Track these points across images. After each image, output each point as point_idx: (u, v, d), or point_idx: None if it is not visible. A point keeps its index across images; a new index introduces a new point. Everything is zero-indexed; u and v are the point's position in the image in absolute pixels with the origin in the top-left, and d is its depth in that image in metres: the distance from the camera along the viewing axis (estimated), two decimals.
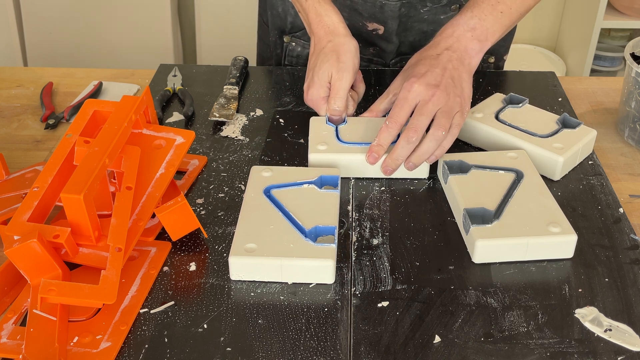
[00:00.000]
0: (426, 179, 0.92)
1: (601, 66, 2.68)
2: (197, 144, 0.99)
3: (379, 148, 0.88)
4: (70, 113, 1.09)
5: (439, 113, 0.87)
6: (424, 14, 1.13)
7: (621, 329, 0.71)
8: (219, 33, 2.50)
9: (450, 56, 0.92)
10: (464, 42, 0.93)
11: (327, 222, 0.79)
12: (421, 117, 0.87)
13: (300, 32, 1.19)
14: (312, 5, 0.98)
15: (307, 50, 1.20)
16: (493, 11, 0.93)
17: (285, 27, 1.20)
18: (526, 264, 0.79)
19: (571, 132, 0.95)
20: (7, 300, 0.75)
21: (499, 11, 0.94)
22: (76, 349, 0.68)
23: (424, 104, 0.87)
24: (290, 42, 1.20)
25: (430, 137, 0.87)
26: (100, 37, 2.50)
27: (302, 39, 1.20)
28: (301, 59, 1.21)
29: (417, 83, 0.88)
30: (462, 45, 0.93)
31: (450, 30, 0.94)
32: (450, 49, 0.92)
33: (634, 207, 0.91)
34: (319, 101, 0.97)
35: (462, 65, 0.92)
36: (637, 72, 1.00)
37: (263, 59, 1.32)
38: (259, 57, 1.35)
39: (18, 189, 0.87)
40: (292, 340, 0.69)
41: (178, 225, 0.80)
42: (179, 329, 0.71)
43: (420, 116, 0.87)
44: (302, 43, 1.20)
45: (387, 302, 0.74)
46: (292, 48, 1.21)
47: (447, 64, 0.90)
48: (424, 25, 1.15)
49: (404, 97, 0.88)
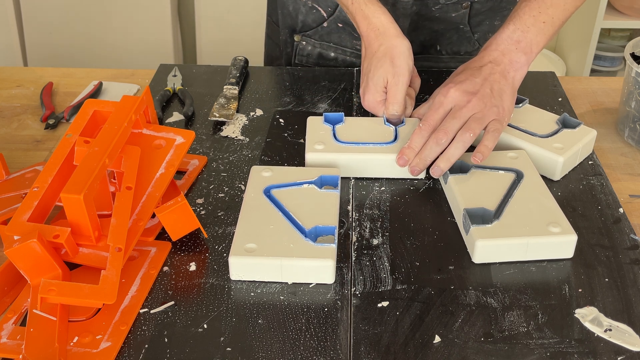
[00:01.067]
0: (425, 179, 0.92)
1: (601, 66, 2.68)
2: (197, 144, 0.99)
3: (410, 151, 0.89)
4: (70, 113, 1.09)
5: (471, 118, 0.88)
6: (435, 12, 1.13)
7: (621, 329, 0.71)
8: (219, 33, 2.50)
9: (493, 69, 0.92)
10: (509, 56, 0.93)
11: (327, 222, 0.79)
12: (453, 120, 0.88)
13: (311, 30, 1.19)
14: (358, 8, 0.96)
15: (317, 49, 1.20)
16: (535, 22, 0.93)
17: (296, 26, 1.20)
18: (526, 264, 0.79)
19: (571, 132, 0.95)
20: (7, 300, 0.75)
21: (542, 21, 0.93)
22: (76, 349, 0.68)
23: (458, 109, 0.89)
24: (301, 41, 1.20)
25: (457, 139, 0.87)
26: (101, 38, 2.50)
27: (312, 37, 1.19)
28: (312, 57, 1.21)
29: (454, 89, 0.89)
30: (507, 58, 0.93)
31: (494, 45, 0.94)
32: (494, 62, 0.92)
33: (634, 207, 0.91)
34: (377, 105, 0.97)
35: (505, 79, 0.92)
36: (637, 72, 1.00)
37: (272, 58, 1.32)
38: (267, 57, 1.35)
39: (18, 189, 0.87)
40: (292, 340, 0.69)
41: (178, 225, 0.80)
42: (179, 329, 0.71)
43: (452, 119, 0.88)
44: (313, 42, 1.20)
45: (387, 302, 0.74)
46: (303, 47, 1.21)
47: (488, 76, 0.91)
48: (434, 24, 1.15)
49: (440, 102, 0.90)
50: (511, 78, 0.92)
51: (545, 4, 0.93)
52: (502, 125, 0.90)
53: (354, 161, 0.91)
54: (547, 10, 0.93)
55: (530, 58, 0.93)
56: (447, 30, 1.11)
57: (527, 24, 0.93)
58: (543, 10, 0.93)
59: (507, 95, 0.91)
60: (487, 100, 0.89)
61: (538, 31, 0.93)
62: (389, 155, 0.91)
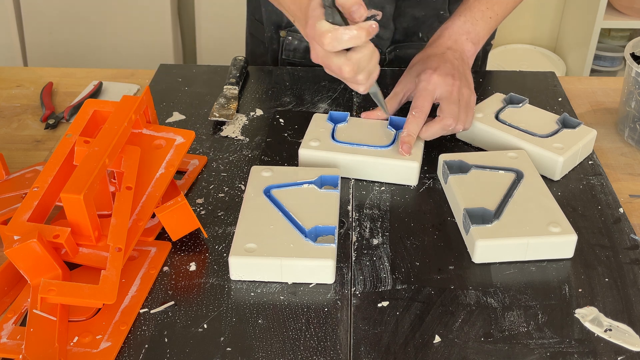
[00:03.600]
0: (425, 179, 0.92)
1: (601, 66, 2.68)
2: (197, 144, 0.99)
3: (410, 138, 0.91)
4: (70, 113, 1.09)
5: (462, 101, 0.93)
6: None
7: (621, 329, 0.71)
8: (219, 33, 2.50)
9: (453, 54, 0.97)
10: (461, 44, 0.99)
11: (327, 222, 0.79)
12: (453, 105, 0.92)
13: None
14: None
15: (304, 43, 1.21)
16: (483, 17, 1.00)
17: (282, 22, 1.22)
18: (526, 264, 0.79)
19: (571, 132, 0.95)
20: (7, 300, 0.75)
21: (488, 17, 1.01)
22: (76, 349, 0.68)
23: (449, 94, 0.93)
24: (287, 37, 1.22)
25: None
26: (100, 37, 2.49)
27: (298, 32, 1.20)
28: (298, 52, 1.23)
29: (435, 74, 0.94)
30: (460, 46, 0.99)
31: (447, 34, 1.00)
32: (451, 49, 0.98)
33: (634, 207, 0.90)
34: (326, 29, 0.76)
35: (464, 63, 0.98)
36: (637, 72, 1.00)
37: (255, 55, 1.32)
38: (251, 55, 1.35)
39: (18, 189, 0.87)
40: (292, 340, 0.69)
41: (178, 225, 0.80)
42: (179, 329, 0.71)
43: (452, 104, 0.92)
44: (299, 37, 1.21)
45: (387, 302, 0.74)
46: (289, 42, 1.22)
47: (453, 61, 0.96)
48: (416, 10, 1.17)
49: (425, 88, 0.94)
50: (466, 63, 0.99)
51: (491, 1, 1.00)
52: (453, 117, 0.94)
53: (345, 161, 0.91)
54: (493, 7, 1.01)
55: (477, 48, 1.01)
56: (428, 17, 1.17)
57: (476, 17, 1.00)
58: (490, 6, 1.00)
59: (470, 78, 0.98)
60: (463, 80, 0.95)
61: (485, 25, 1.00)
62: (379, 159, 0.90)
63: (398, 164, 0.90)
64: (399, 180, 0.91)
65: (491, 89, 1.11)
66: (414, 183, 0.91)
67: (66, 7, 2.44)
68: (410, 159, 0.90)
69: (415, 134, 0.91)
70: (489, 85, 1.13)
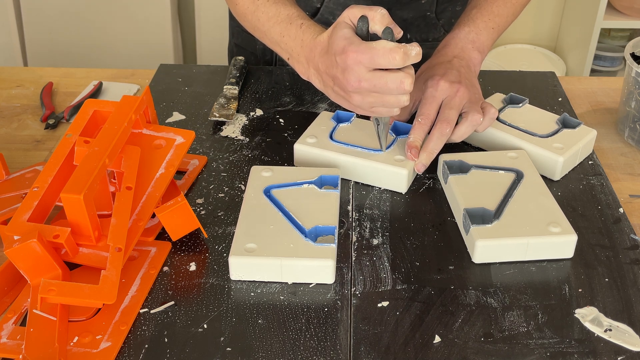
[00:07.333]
0: (425, 179, 0.92)
1: (601, 66, 2.68)
2: (197, 144, 0.99)
3: (417, 143, 0.91)
4: (70, 113, 1.09)
5: (467, 103, 0.93)
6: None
7: (621, 329, 0.71)
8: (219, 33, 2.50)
9: (460, 62, 0.98)
10: (468, 52, 1.00)
11: (327, 222, 0.79)
12: (451, 110, 0.92)
13: None
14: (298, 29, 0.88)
15: None
16: (486, 27, 1.02)
17: None
18: (526, 264, 0.79)
19: (571, 132, 0.95)
20: (7, 300, 0.75)
21: (491, 27, 1.03)
22: (76, 349, 0.68)
23: (450, 99, 0.93)
24: None
25: (468, 122, 0.92)
26: (100, 37, 2.49)
27: None
28: None
29: (442, 81, 0.94)
30: (467, 54, 1.00)
31: (453, 43, 1.01)
32: (458, 57, 0.99)
33: (634, 207, 0.91)
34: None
35: (470, 71, 0.99)
36: (637, 72, 1.00)
37: None
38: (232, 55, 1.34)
39: (18, 189, 0.87)
40: (292, 340, 0.69)
41: (178, 225, 0.80)
42: (179, 329, 0.71)
43: (450, 109, 0.92)
44: None
45: (387, 302, 0.74)
46: None
47: (460, 68, 0.97)
48: (404, 12, 1.17)
49: (432, 95, 0.94)
50: (473, 71, 1.00)
51: (493, 13, 1.03)
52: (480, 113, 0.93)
53: (337, 161, 0.91)
54: (494, 19, 1.03)
55: (482, 57, 1.02)
56: (416, 18, 1.18)
57: (479, 27, 1.02)
58: (492, 18, 1.03)
59: (477, 85, 0.98)
60: (469, 87, 0.95)
61: (488, 35, 1.03)
62: (371, 162, 0.89)
63: (388, 169, 0.89)
64: (389, 186, 0.90)
65: (491, 89, 1.11)
66: (403, 190, 0.90)
67: (66, 7, 2.44)
68: (401, 165, 0.88)
69: (421, 140, 0.91)
70: (489, 85, 1.13)
